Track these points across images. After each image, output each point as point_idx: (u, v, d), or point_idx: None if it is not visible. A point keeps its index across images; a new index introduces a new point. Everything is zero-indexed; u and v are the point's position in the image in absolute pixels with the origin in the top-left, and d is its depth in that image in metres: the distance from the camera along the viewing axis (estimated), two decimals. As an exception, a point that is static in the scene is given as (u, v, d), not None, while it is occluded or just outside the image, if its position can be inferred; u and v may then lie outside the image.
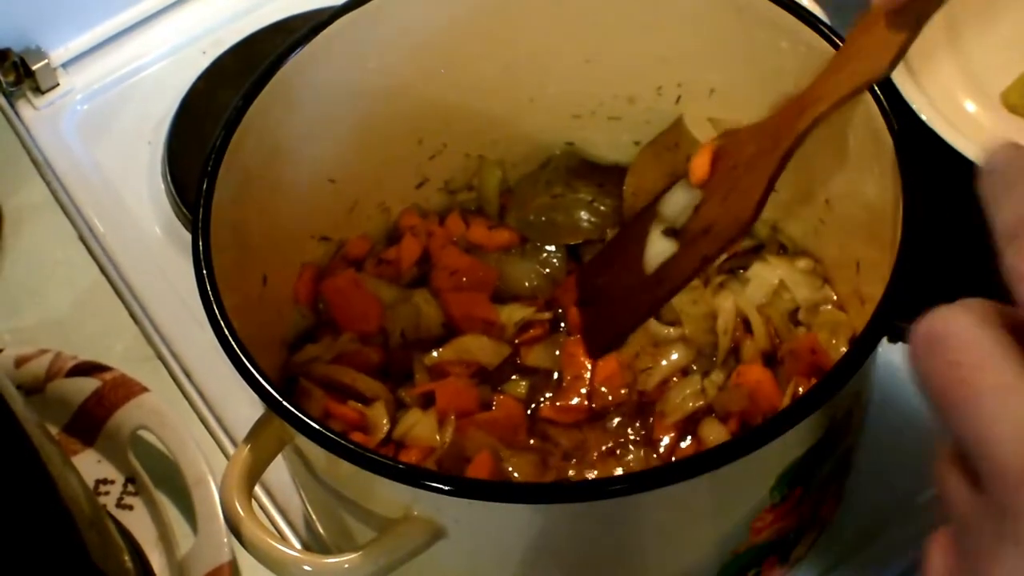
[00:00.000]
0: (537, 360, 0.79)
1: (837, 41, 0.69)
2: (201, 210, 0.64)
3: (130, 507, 0.83)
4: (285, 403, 0.58)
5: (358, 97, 0.76)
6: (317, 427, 0.57)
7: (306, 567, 0.59)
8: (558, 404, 0.77)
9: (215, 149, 0.67)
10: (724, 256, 0.77)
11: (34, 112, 1.01)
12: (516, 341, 0.80)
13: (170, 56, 1.05)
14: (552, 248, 0.83)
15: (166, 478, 0.83)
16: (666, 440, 0.75)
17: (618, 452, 0.75)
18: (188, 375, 0.87)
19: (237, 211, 0.68)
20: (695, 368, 0.77)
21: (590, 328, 0.78)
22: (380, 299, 0.79)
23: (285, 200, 0.74)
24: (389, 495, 0.59)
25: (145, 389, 0.84)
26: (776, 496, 0.63)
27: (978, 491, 0.41)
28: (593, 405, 0.76)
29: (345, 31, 0.73)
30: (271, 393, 0.58)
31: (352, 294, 0.79)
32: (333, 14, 0.73)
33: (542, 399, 0.77)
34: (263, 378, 0.58)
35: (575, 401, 0.76)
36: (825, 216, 0.77)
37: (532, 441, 0.76)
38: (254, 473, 0.60)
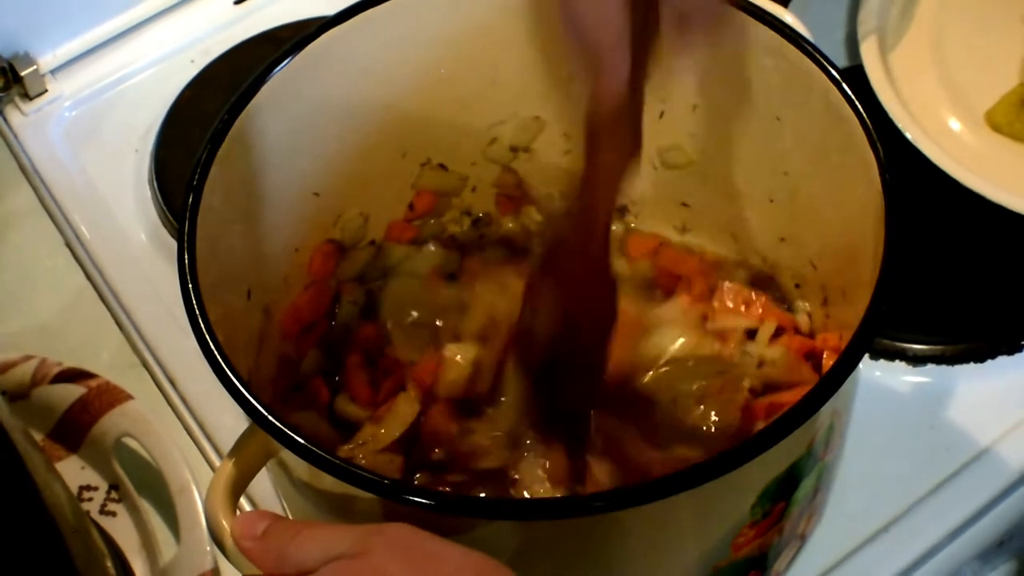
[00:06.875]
0: None
1: (819, 58, 0.69)
2: (187, 223, 0.64)
3: (113, 514, 0.83)
4: (270, 417, 0.58)
5: (343, 110, 0.76)
6: (301, 441, 0.57)
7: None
8: None
9: (200, 163, 0.66)
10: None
11: (22, 118, 1.01)
12: None
13: (158, 64, 1.04)
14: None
15: (149, 486, 0.83)
16: None
17: None
18: (173, 383, 0.87)
19: (223, 224, 0.68)
20: None
21: None
22: None
23: (270, 213, 0.74)
24: (372, 508, 0.59)
25: (130, 397, 0.84)
26: (758, 513, 0.63)
27: None
28: None
29: (331, 45, 0.73)
30: (256, 407, 0.58)
31: None
32: (319, 28, 0.73)
33: None
34: (248, 392, 0.58)
35: None
36: (805, 230, 0.77)
37: None
38: (239, 486, 0.60)
